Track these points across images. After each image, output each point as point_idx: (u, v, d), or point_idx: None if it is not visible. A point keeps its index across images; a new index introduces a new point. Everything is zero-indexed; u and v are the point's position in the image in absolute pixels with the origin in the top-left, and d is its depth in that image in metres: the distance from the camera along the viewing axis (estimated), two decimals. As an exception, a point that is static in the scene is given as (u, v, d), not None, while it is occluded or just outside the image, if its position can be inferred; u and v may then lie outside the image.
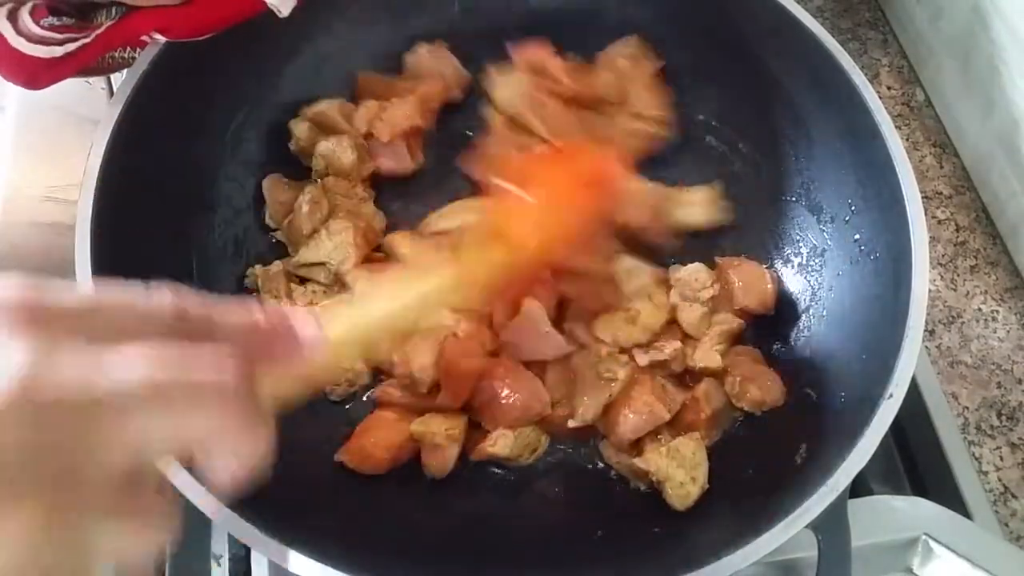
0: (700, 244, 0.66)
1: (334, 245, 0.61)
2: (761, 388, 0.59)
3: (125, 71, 0.55)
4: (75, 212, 0.50)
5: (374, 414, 0.59)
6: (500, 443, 0.57)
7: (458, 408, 0.58)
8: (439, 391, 0.58)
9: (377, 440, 0.57)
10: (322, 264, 0.62)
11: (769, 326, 0.63)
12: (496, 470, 0.59)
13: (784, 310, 0.63)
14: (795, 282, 0.64)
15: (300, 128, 0.66)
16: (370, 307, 0.39)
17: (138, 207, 0.55)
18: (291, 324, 0.32)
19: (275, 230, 0.65)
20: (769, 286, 0.62)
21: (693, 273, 0.62)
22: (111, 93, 0.64)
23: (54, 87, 0.52)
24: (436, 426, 0.57)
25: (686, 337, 0.62)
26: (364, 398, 0.61)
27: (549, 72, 0.66)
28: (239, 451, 0.29)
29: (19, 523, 0.25)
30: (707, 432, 0.59)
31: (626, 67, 0.68)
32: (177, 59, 0.55)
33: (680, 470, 0.55)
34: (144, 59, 0.55)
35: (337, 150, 0.65)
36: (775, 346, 0.63)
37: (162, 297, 0.30)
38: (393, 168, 0.68)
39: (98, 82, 0.72)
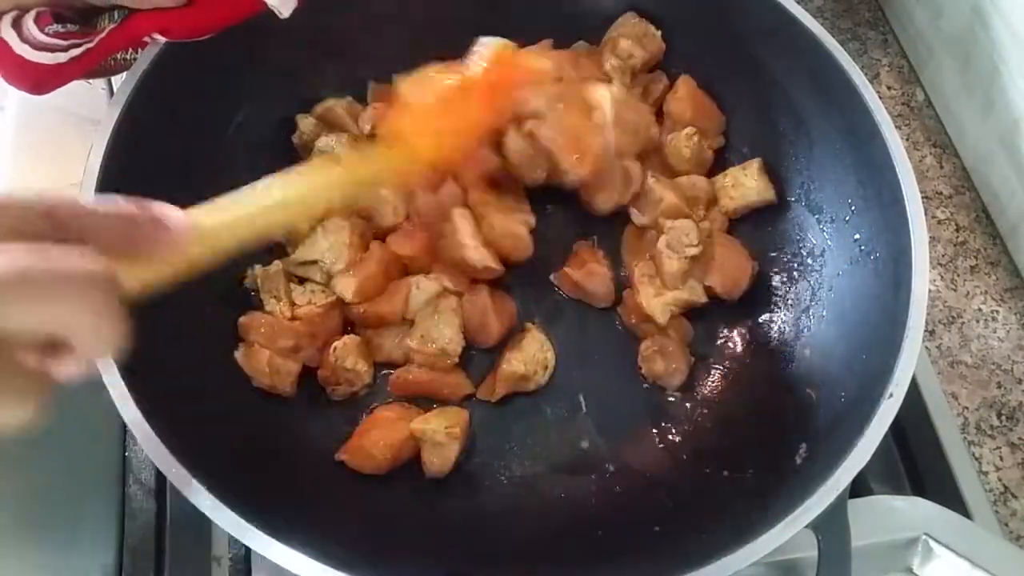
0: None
1: (329, 244, 0.61)
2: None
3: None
4: (75, 212, 0.50)
5: (374, 414, 0.59)
6: (514, 362, 0.60)
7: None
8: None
9: (377, 440, 0.57)
10: (316, 262, 0.62)
11: (769, 326, 0.63)
12: (497, 475, 0.60)
13: (784, 310, 0.63)
14: (795, 282, 0.64)
15: (306, 123, 0.67)
16: (248, 196, 0.40)
17: (138, 207, 0.55)
18: (158, 214, 0.33)
19: (274, 230, 0.65)
20: (744, 281, 0.63)
21: (685, 228, 0.63)
22: (111, 93, 0.64)
23: (54, 88, 0.52)
24: (436, 424, 0.57)
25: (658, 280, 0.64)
26: (364, 397, 0.61)
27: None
28: (98, 338, 0.30)
29: None
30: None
31: (629, 47, 0.67)
32: (177, 59, 0.55)
33: None
34: (144, 59, 0.55)
35: (336, 147, 0.65)
36: (775, 346, 0.63)
37: (31, 198, 0.31)
38: None
39: (98, 82, 0.72)
